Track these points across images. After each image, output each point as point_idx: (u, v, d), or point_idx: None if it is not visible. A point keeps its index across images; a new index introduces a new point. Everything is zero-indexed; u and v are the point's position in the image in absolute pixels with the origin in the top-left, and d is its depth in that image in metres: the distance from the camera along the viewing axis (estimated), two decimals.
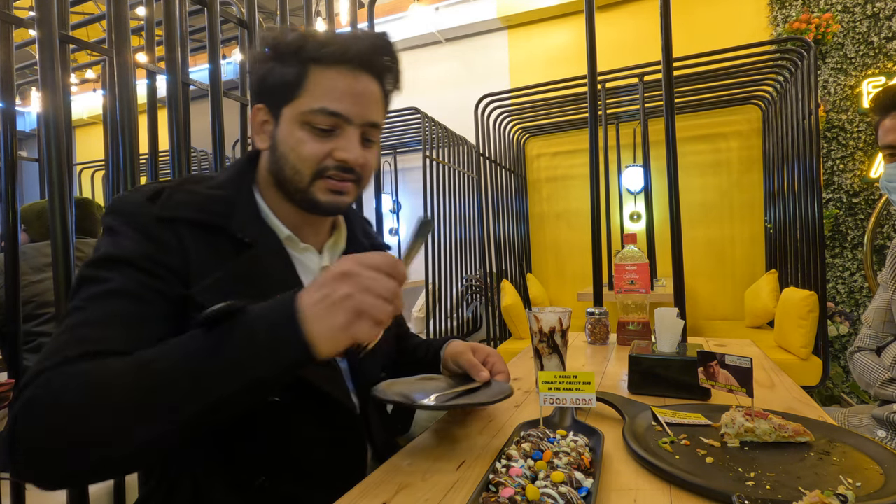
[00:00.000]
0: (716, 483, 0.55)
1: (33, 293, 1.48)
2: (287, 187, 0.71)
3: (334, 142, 0.69)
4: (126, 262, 0.60)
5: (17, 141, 1.03)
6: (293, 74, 0.68)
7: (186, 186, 0.69)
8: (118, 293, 0.58)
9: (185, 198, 0.66)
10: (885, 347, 1.22)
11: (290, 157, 0.69)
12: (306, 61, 0.68)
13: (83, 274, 0.61)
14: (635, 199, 3.92)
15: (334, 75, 0.68)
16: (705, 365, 0.77)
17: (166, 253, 0.62)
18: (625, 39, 3.89)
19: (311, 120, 0.68)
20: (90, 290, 0.59)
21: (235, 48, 3.78)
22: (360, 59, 0.69)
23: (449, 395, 0.73)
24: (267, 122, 0.72)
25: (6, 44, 1.01)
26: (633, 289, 1.34)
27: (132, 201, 0.65)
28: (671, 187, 1.42)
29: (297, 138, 0.68)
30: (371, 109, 0.71)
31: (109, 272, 0.60)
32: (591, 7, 1.53)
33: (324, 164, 0.69)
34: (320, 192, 0.70)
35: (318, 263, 0.78)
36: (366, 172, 0.73)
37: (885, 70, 3.20)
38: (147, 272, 0.61)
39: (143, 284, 0.60)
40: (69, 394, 0.49)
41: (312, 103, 0.67)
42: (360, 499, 0.57)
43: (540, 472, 0.54)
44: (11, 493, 1.01)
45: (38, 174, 2.52)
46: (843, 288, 3.33)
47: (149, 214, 0.64)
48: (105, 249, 0.61)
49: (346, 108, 0.68)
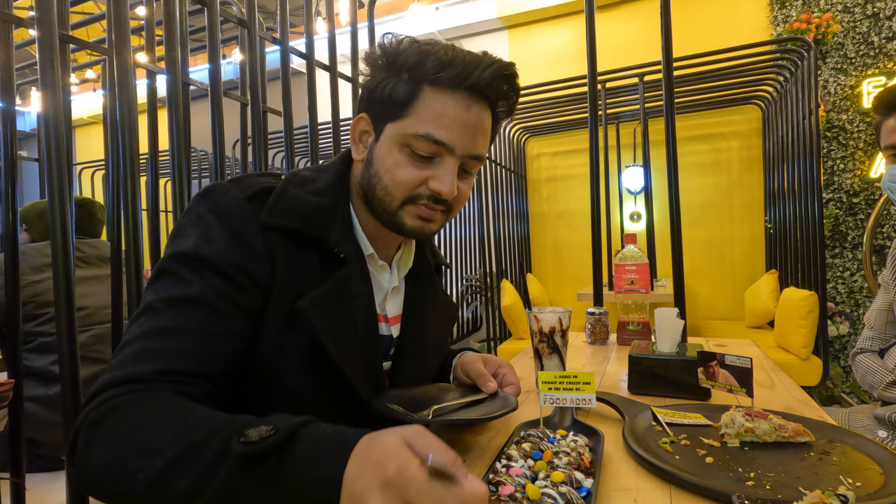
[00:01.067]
0: (716, 483, 0.55)
1: (33, 293, 1.48)
2: (375, 205, 0.69)
3: (432, 170, 0.66)
4: (213, 266, 0.59)
5: (17, 141, 1.03)
6: (404, 92, 0.65)
7: (291, 190, 0.66)
8: (197, 302, 0.58)
9: (291, 204, 0.65)
10: (889, 350, 1.22)
11: (384, 177, 0.67)
12: (421, 81, 0.64)
13: (165, 266, 0.60)
14: (635, 199, 3.92)
15: (446, 100, 0.64)
16: (705, 365, 0.77)
17: (256, 263, 0.61)
18: (625, 39, 3.89)
19: (412, 144, 0.65)
20: (170, 291, 0.58)
21: (235, 48, 3.78)
22: (478, 87, 0.65)
23: (450, 407, 0.71)
24: (367, 133, 0.70)
25: (6, 44, 1.01)
26: (633, 289, 1.34)
27: (233, 198, 0.63)
28: (671, 187, 1.42)
29: (395, 160, 0.66)
30: (477, 142, 0.68)
31: (193, 273, 0.59)
32: (591, 7, 1.53)
33: (417, 191, 0.67)
34: (408, 217, 0.68)
35: (390, 283, 0.77)
36: (457, 204, 0.71)
37: (886, 70, 3.20)
38: (232, 282, 0.59)
39: (225, 296, 0.59)
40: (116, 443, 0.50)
41: (418, 127, 0.64)
42: None
43: (540, 472, 0.54)
44: (11, 493, 1.01)
45: (38, 174, 2.52)
46: (844, 288, 3.33)
47: (248, 218, 0.62)
48: (194, 245, 0.60)
49: (451, 138, 0.65)
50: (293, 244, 0.64)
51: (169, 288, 0.59)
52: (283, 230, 0.63)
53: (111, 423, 0.51)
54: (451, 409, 0.71)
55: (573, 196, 4.20)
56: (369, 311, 0.71)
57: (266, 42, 1.57)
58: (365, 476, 0.43)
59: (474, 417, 0.69)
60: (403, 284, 0.81)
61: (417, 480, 0.40)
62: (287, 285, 0.63)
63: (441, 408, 0.70)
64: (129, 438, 0.50)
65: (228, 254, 0.60)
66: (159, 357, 0.55)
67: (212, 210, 0.62)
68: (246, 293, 0.60)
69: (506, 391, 0.77)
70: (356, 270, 0.69)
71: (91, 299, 1.53)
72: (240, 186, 0.64)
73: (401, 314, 0.79)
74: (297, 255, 0.64)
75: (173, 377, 0.55)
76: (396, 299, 0.79)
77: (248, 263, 0.61)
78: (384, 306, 0.76)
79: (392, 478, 0.41)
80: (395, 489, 0.40)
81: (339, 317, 0.65)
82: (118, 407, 0.52)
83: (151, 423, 0.51)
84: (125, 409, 0.52)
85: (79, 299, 1.22)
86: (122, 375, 0.54)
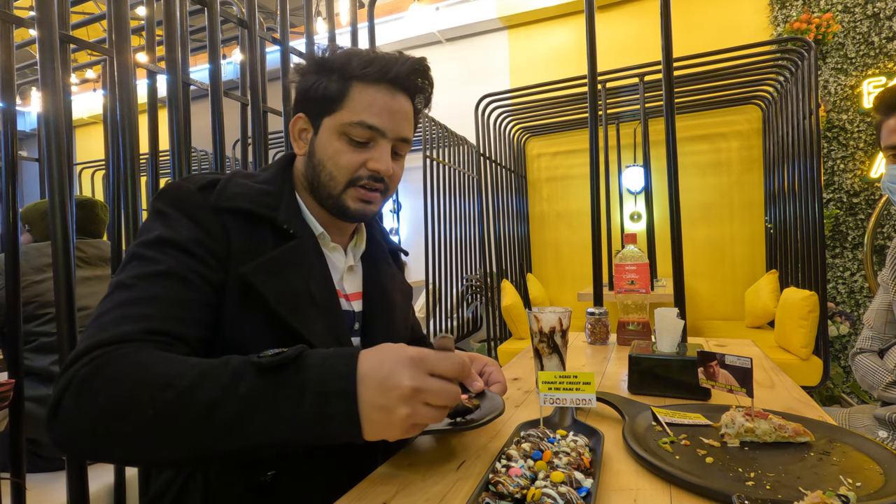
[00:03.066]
0: (716, 483, 0.55)
1: (35, 293, 1.48)
2: (320, 192, 0.76)
3: (369, 153, 0.74)
4: (177, 245, 0.64)
5: (18, 141, 1.03)
6: (336, 89, 0.73)
7: (237, 180, 0.73)
8: (167, 275, 0.62)
9: (238, 189, 0.71)
10: (889, 350, 1.22)
11: (327, 164, 0.74)
12: (349, 77, 0.73)
13: (133, 251, 0.64)
14: (635, 199, 3.92)
15: (374, 92, 0.73)
16: (705, 365, 0.77)
17: (212, 239, 0.66)
18: (625, 39, 3.89)
19: (349, 132, 0.73)
20: (139, 269, 0.62)
21: (236, 48, 3.78)
22: (398, 80, 0.74)
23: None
24: (306, 130, 0.78)
25: (6, 44, 1.01)
26: (633, 289, 1.34)
27: (184, 189, 0.69)
28: (671, 187, 1.42)
29: (336, 148, 0.73)
30: (404, 126, 0.76)
31: (160, 253, 0.63)
32: (591, 7, 1.53)
33: (358, 173, 0.74)
34: (351, 200, 0.75)
35: (345, 263, 0.82)
36: (393, 183, 0.78)
37: (886, 70, 3.20)
38: (196, 257, 0.64)
39: (191, 269, 0.63)
40: (117, 386, 0.52)
41: (352, 116, 0.72)
42: (360, 499, 0.57)
43: (540, 472, 0.54)
44: (12, 493, 1.01)
45: (39, 174, 2.52)
46: (844, 288, 3.33)
47: (199, 203, 0.68)
48: (157, 232, 0.65)
49: (383, 123, 0.73)
50: (246, 223, 0.70)
51: (138, 267, 0.62)
52: (233, 211, 0.69)
53: (108, 374, 0.52)
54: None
55: (573, 196, 4.20)
56: (325, 282, 0.74)
57: (266, 42, 1.57)
58: (387, 361, 0.53)
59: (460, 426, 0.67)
60: (360, 266, 0.86)
61: (433, 354, 0.54)
62: (243, 260, 0.67)
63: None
64: (133, 380, 0.52)
65: (188, 234, 0.65)
66: (141, 319, 0.58)
67: (168, 203, 0.68)
68: (209, 266, 0.65)
69: (492, 390, 0.77)
70: (307, 244, 0.74)
71: (92, 299, 1.53)
72: (190, 181, 0.71)
73: (360, 291, 0.84)
74: (250, 231, 0.70)
75: (158, 337, 0.58)
76: (353, 278, 0.84)
77: (207, 240, 0.66)
78: (342, 284, 0.81)
79: (415, 354, 0.53)
80: (420, 362, 0.52)
81: (290, 283, 0.69)
82: (112, 361, 0.53)
83: (154, 366, 0.53)
84: (121, 360, 0.53)
85: (80, 299, 1.22)
86: (106, 337, 0.55)
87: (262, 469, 0.65)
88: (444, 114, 3.91)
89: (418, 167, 3.36)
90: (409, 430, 0.53)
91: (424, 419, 0.52)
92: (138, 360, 0.53)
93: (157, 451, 0.52)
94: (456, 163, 3.83)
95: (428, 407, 0.52)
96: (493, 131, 3.68)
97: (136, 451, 0.53)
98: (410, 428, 0.53)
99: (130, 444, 0.51)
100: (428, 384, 0.52)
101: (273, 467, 0.66)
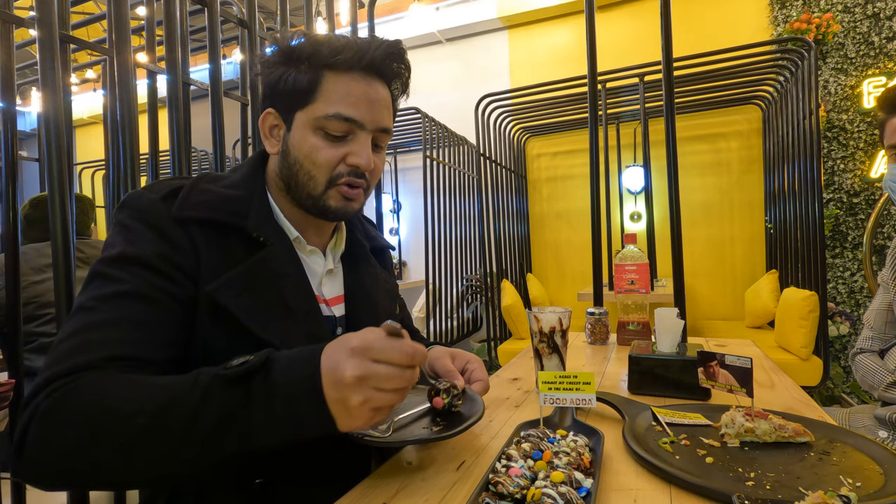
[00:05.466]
0: (716, 483, 0.55)
1: (34, 294, 1.48)
2: (298, 192, 0.71)
3: (347, 147, 0.69)
4: (140, 262, 0.60)
5: (18, 141, 1.03)
6: (306, 80, 0.67)
7: (201, 185, 0.68)
8: (130, 295, 0.58)
9: (201, 197, 0.66)
10: (889, 350, 1.22)
11: (304, 162, 0.69)
12: (320, 67, 0.67)
13: (95, 270, 0.60)
14: (635, 199, 3.92)
15: (348, 80, 0.68)
16: (705, 365, 0.77)
17: (179, 253, 0.62)
18: (625, 39, 3.89)
19: (324, 125, 0.68)
20: (101, 290, 0.58)
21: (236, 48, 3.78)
22: (373, 66, 0.69)
23: (413, 416, 0.70)
24: (277, 126, 0.72)
25: (6, 44, 1.01)
26: (633, 289, 1.34)
27: (147, 199, 0.64)
28: (671, 187, 1.42)
29: (311, 144, 0.68)
30: (383, 115, 0.71)
31: (122, 272, 0.59)
32: (591, 7, 1.53)
33: (337, 170, 0.69)
34: (332, 200, 0.70)
35: (323, 266, 0.78)
36: (374, 178, 0.74)
37: (886, 70, 3.20)
38: (161, 273, 0.60)
39: (156, 287, 0.60)
40: (82, 418, 0.50)
41: (327, 108, 0.67)
42: (360, 499, 0.57)
43: (540, 472, 0.54)
44: (12, 493, 1.01)
45: (39, 174, 2.52)
46: (844, 288, 3.33)
47: (163, 214, 0.63)
48: (119, 248, 0.61)
49: (361, 114, 0.68)
50: (215, 234, 0.65)
51: (100, 287, 0.59)
52: (198, 222, 0.64)
53: (72, 407, 0.50)
54: (414, 418, 0.70)
55: (573, 196, 4.20)
56: (302, 290, 0.70)
57: (266, 42, 1.57)
58: (335, 354, 0.53)
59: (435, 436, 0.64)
60: (340, 268, 0.82)
61: (378, 340, 0.53)
62: (214, 274, 0.63)
63: (402, 418, 0.69)
64: (99, 410, 0.50)
65: (153, 248, 0.61)
66: (102, 346, 0.55)
67: (130, 216, 0.63)
68: (175, 282, 0.61)
69: (473, 388, 0.75)
70: (280, 252, 0.69)
71: None
72: (152, 190, 0.66)
73: (342, 295, 0.80)
74: (220, 243, 0.65)
75: (121, 363, 0.55)
76: (333, 282, 0.80)
77: (174, 254, 0.62)
78: (320, 289, 0.76)
79: (357, 345, 0.52)
80: (362, 351, 0.52)
81: (262, 296, 0.65)
82: (74, 392, 0.51)
83: (120, 392, 0.51)
84: (84, 390, 0.51)
85: None
86: (65, 368, 0.52)
87: (255, 473, 0.65)
88: (444, 114, 3.92)
89: (418, 167, 3.36)
90: (374, 415, 0.53)
91: (382, 402, 0.52)
92: (102, 388, 0.51)
93: (132, 475, 0.51)
94: (456, 163, 3.83)
95: (382, 392, 0.52)
96: (493, 131, 3.68)
97: (110, 479, 0.51)
98: (374, 413, 0.53)
99: (104, 473, 0.50)
100: (373, 370, 0.51)
101: (266, 472, 0.65)
